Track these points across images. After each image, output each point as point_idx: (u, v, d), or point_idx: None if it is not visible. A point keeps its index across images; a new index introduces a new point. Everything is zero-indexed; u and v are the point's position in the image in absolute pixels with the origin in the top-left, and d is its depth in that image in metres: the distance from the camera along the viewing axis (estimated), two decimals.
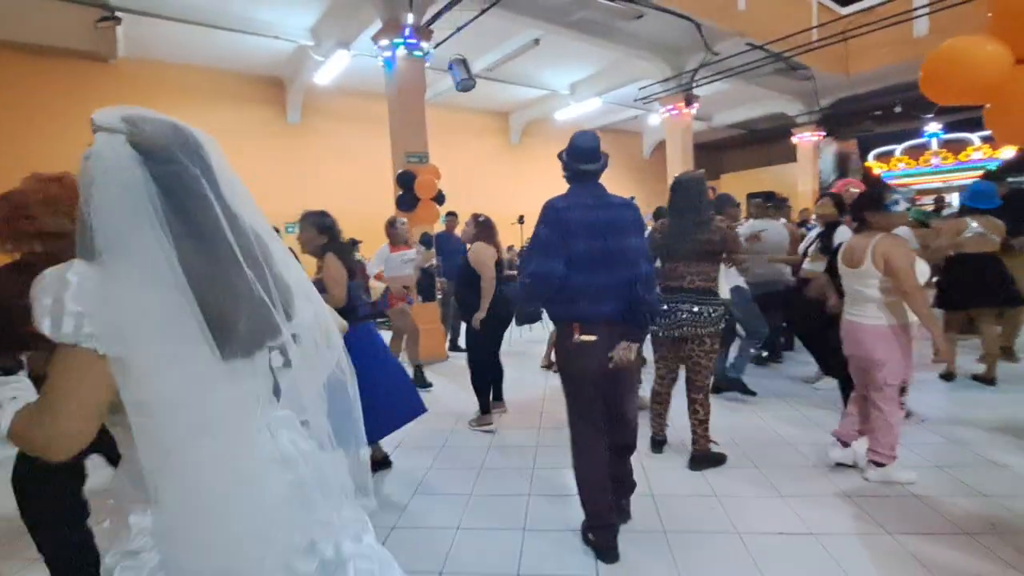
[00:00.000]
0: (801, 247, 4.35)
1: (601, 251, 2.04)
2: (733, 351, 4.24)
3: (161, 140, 0.80)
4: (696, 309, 2.79)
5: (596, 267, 2.05)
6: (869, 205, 2.65)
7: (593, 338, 2.06)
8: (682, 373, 3.01)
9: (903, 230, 4.65)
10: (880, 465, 2.62)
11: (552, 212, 2.10)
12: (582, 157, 2.15)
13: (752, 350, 4.18)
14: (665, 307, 2.83)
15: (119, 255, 0.75)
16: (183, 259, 0.77)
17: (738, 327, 4.20)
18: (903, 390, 2.64)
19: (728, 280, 3.89)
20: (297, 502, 0.89)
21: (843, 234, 4.02)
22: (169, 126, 0.83)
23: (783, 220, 4.97)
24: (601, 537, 2.14)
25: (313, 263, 2.86)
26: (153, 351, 0.76)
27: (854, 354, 2.72)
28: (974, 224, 4.02)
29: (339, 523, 0.94)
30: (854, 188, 4.55)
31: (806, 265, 4.17)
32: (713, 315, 2.78)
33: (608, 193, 2.20)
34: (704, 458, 2.89)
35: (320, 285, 2.66)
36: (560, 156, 2.23)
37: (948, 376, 4.19)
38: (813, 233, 4.24)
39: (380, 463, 2.98)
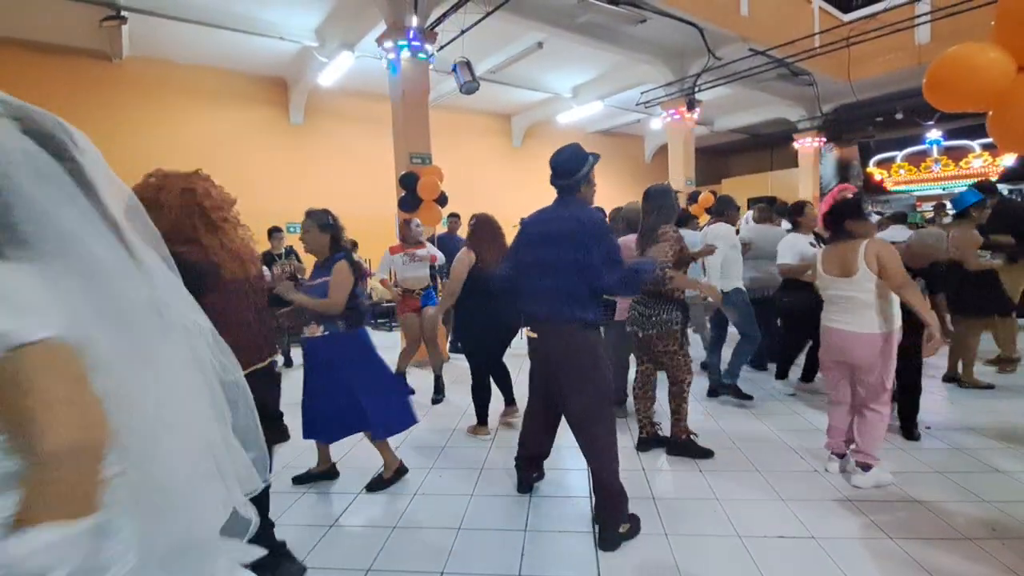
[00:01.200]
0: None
1: (541, 260, 2.33)
2: (726, 355, 4.23)
3: (51, 131, 0.72)
4: (643, 311, 3.05)
5: (536, 274, 2.34)
6: (853, 213, 2.70)
7: (535, 335, 2.41)
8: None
9: (900, 230, 4.67)
10: (868, 468, 2.63)
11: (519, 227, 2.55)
12: (553, 174, 2.41)
13: (748, 355, 4.13)
14: (632, 307, 3.15)
15: (64, 251, 0.68)
16: (105, 253, 0.72)
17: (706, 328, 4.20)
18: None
19: (730, 281, 3.90)
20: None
21: None
22: (51, 117, 0.75)
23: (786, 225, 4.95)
24: (518, 472, 2.74)
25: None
26: (115, 345, 0.70)
27: (846, 362, 2.70)
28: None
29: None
30: (848, 193, 4.54)
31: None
32: (654, 319, 3.00)
33: (571, 207, 2.35)
34: (678, 445, 3.04)
35: (319, 289, 2.64)
36: None
37: (953, 379, 4.27)
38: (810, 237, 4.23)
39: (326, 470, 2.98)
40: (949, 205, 4.71)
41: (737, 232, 4.37)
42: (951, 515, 2.35)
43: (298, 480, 2.90)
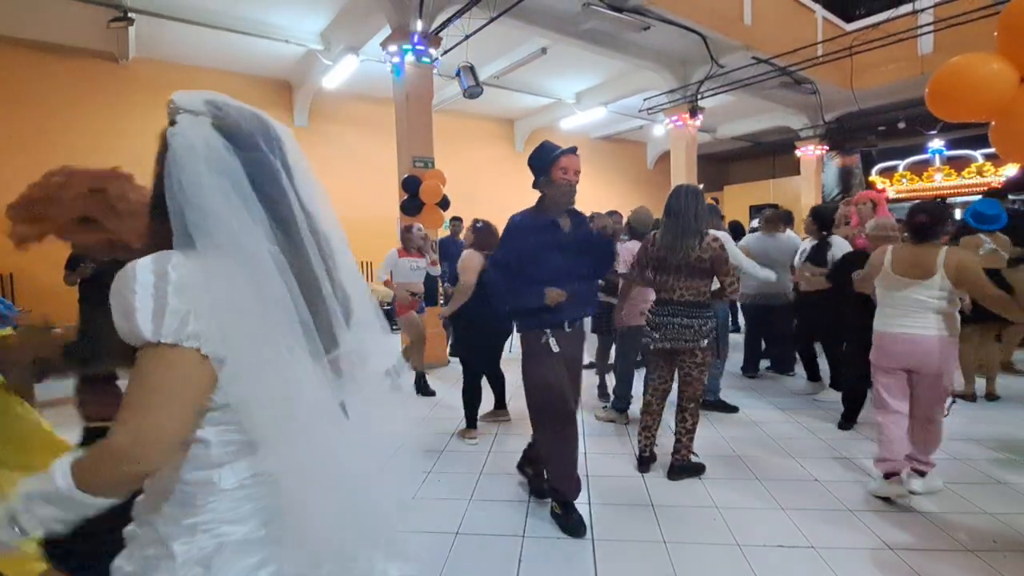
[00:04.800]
0: (796, 260, 4.35)
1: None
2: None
3: (246, 126, 0.77)
4: (686, 323, 2.78)
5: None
6: (946, 219, 2.73)
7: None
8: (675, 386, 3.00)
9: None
10: (924, 474, 2.63)
11: None
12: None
13: (720, 366, 4.14)
14: (657, 320, 2.86)
15: (217, 243, 0.69)
16: (279, 249, 0.73)
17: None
18: None
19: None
20: (371, 520, 0.84)
21: (837, 244, 4.03)
22: (251, 113, 0.80)
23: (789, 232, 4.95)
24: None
25: None
26: (255, 352, 0.69)
27: (914, 368, 2.58)
28: (988, 241, 4.03)
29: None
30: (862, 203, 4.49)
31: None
32: (703, 328, 2.77)
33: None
34: (683, 468, 2.89)
35: None
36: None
37: (970, 398, 4.12)
38: (808, 245, 4.24)
39: None
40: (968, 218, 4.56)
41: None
42: (952, 526, 2.34)
43: None
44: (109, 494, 0.68)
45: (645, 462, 3.00)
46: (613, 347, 4.11)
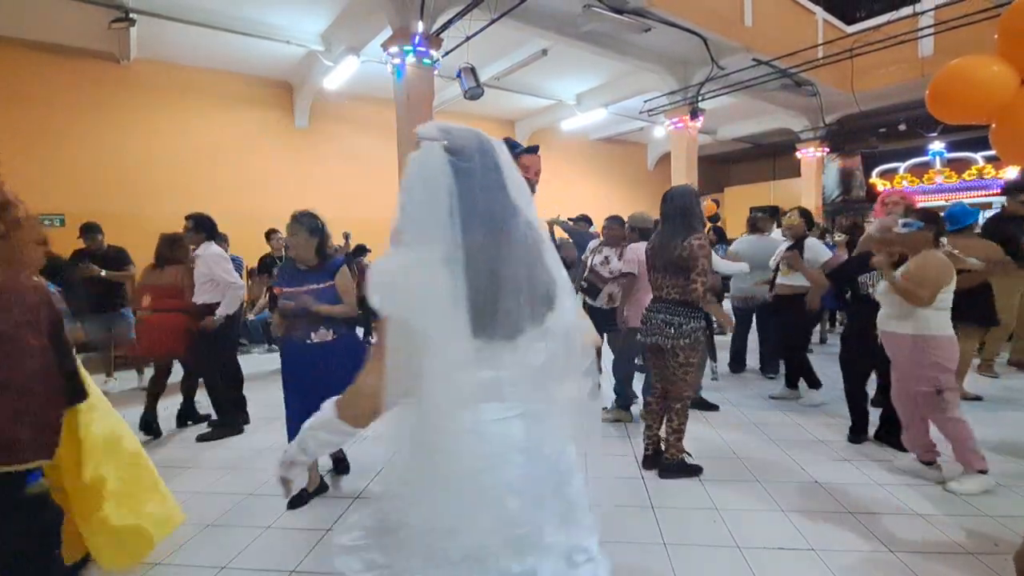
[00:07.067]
0: (771, 262, 4.34)
1: None
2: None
3: (463, 142, 0.93)
4: (668, 319, 2.82)
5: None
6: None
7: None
8: None
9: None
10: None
11: None
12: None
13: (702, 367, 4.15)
14: (647, 315, 2.98)
15: (422, 240, 0.86)
16: (467, 243, 0.87)
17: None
18: None
19: None
20: (527, 496, 0.92)
21: (812, 247, 4.03)
22: (471, 132, 0.96)
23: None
24: None
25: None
26: (427, 322, 0.84)
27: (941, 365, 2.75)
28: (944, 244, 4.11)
29: (552, 539, 0.97)
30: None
31: (781, 279, 4.19)
32: (683, 328, 2.78)
33: None
34: (674, 468, 2.90)
35: (331, 293, 2.65)
36: None
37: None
38: (784, 247, 4.25)
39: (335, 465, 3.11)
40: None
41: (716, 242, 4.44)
42: (953, 529, 2.33)
43: (294, 504, 2.68)
44: (357, 424, 0.94)
45: (647, 460, 3.04)
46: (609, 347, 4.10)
